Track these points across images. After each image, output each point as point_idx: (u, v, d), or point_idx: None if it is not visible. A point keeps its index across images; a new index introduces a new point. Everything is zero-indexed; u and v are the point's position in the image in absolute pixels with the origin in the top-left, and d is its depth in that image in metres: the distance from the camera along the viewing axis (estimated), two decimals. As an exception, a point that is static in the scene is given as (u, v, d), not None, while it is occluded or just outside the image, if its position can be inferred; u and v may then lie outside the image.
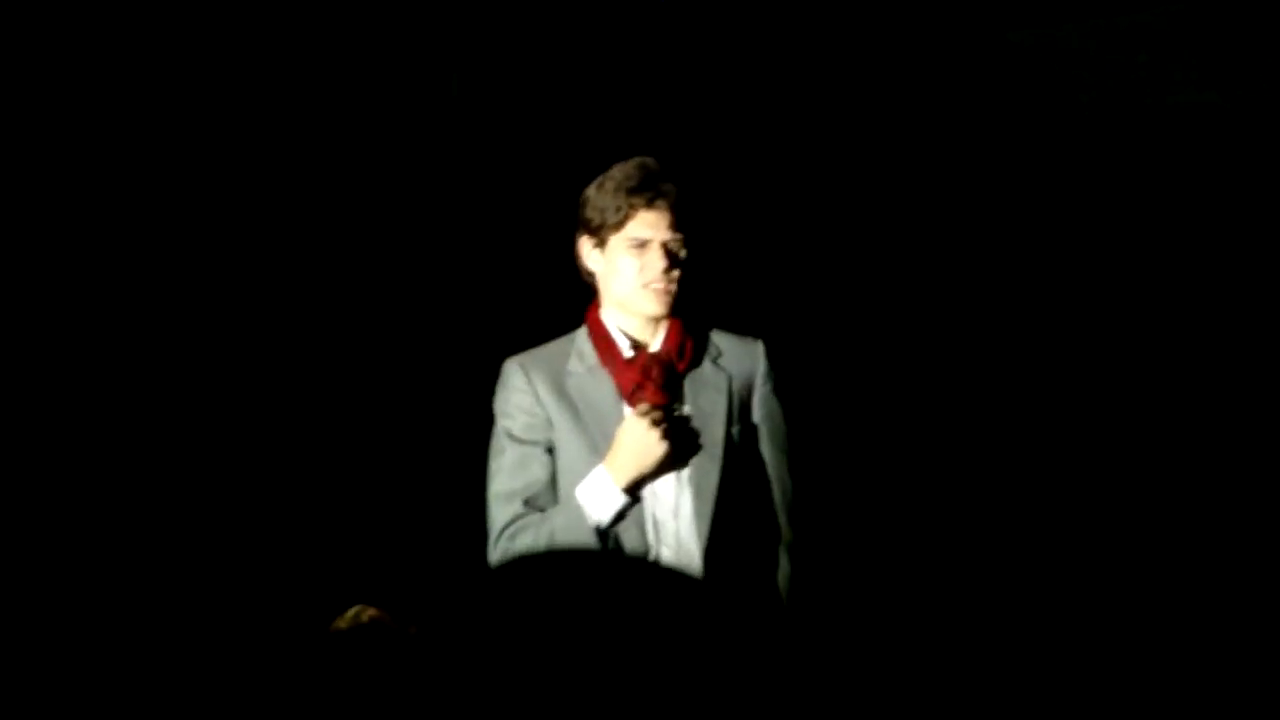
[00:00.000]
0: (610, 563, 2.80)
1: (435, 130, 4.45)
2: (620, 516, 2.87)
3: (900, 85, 4.83)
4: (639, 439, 2.85)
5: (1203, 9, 4.63)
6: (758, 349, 3.07)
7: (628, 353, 2.96)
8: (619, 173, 2.95)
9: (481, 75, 4.45)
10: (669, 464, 2.87)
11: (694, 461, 2.92)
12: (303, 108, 4.29)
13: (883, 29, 4.78)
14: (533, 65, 4.50)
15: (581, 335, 3.02)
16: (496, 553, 2.93)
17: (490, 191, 4.51)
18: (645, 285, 2.93)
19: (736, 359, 3.04)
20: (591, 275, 3.02)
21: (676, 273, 2.94)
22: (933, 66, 4.87)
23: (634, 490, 2.87)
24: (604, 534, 2.87)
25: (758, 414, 3.04)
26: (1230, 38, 4.69)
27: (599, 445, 2.90)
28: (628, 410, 2.93)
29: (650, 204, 2.91)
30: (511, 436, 2.97)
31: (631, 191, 2.91)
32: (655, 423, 2.85)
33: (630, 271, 2.93)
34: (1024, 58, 4.80)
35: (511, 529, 2.92)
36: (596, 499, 2.86)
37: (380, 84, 4.38)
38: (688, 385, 2.97)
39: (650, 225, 2.92)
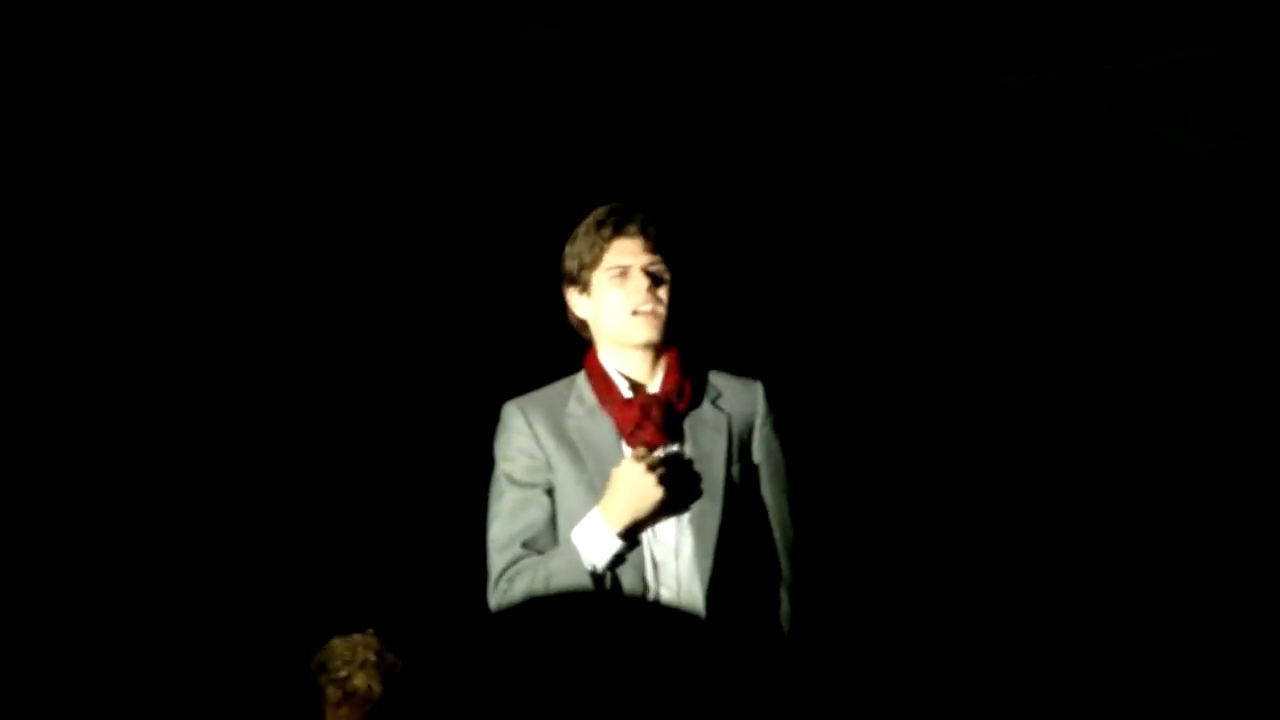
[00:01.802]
0: (609, 605, 2.81)
1: (432, 161, 4.47)
2: (619, 559, 2.87)
3: (893, 127, 4.86)
4: (634, 483, 2.83)
5: (1194, 58, 4.66)
6: (757, 390, 3.07)
7: (627, 394, 2.96)
8: (588, 219, 2.99)
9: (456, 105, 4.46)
10: (666, 508, 2.86)
11: (694, 503, 2.91)
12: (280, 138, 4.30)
13: (876, 71, 4.81)
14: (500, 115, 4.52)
15: (581, 379, 3.02)
16: (496, 596, 2.92)
17: (494, 233, 4.53)
18: (634, 311, 2.93)
19: (736, 400, 3.03)
20: (584, 324, 3.03)
21: (663, 293, 2.94)
22: (925, 109, 4.89)
23: (631, 534, 2.86)
24: (601, 577, 2.86)
25: (758, 454, 3.03)
26: (1220, 86, 4.72)
27: (599, 487, 2.89)
28: (627, 451, 2.92)
29: (621, 232, 2.94)
30: (511, 479, 2.97)
31: (600, 225, 2.95)
32: (651, 466, 2.84)
33: (616, 302, 2.94)
34: (1016, 101, 4.83)
35: (510, 572, 2.92)
36: (592, 543, 2.85)
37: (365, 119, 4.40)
38: (687, 426, 2.96)
39: (627, 252, 2.93)
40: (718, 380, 3.05)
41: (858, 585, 4.21)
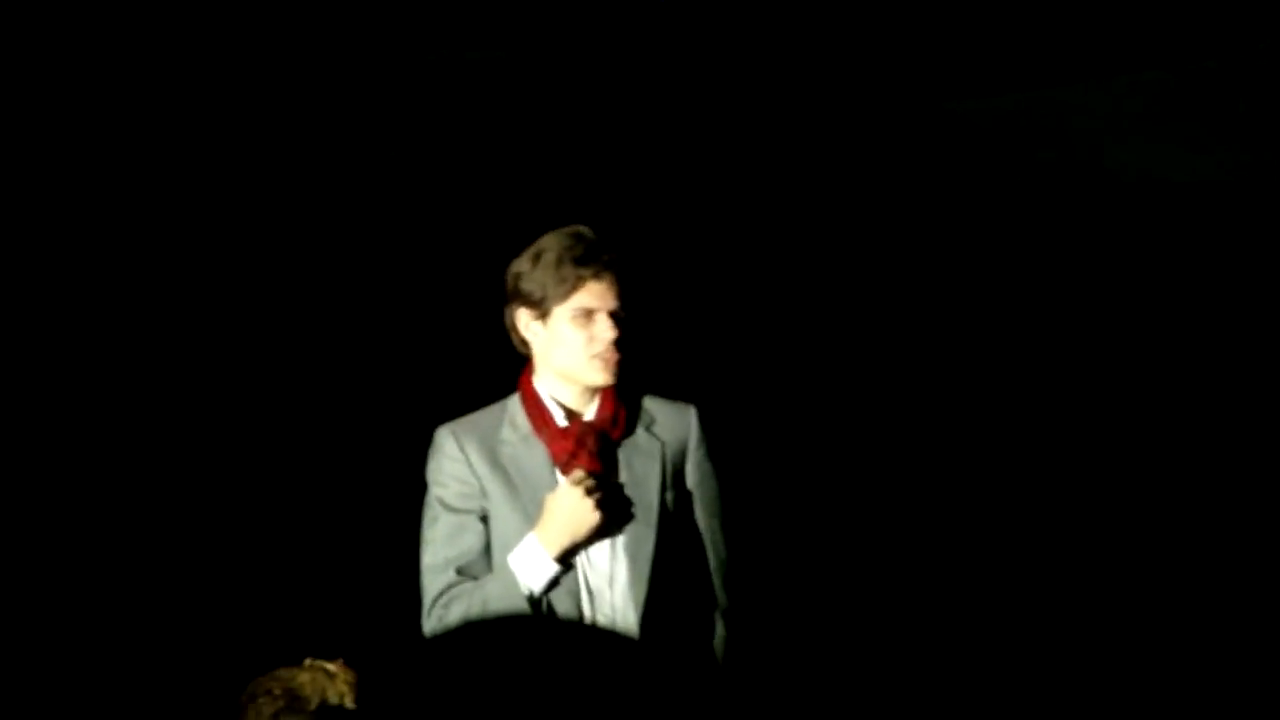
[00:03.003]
0: (544, 630, 2.80)
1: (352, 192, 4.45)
2: (554, 584, 2.86)
3: (843, 153, 4.88)
4: (570, 508, 2.84)
5: (1144, 81, 4.72)
6: (690, 415, 3.07)
7: (562, 421, 2.95)
8: (556, 244, 2.93)
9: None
10: (601, 532, 2.86)
11: (629, 529, 2.91)
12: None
13: (827, 98, 4.83)
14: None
15: (514, 403, 3.01)
16: (430, 622, 2.91)
17: (419, 251, 4.51)
18: (594, 356, 2.91)
19: (669, 425, 3.03)
20: (526, 345, 3.00)
21: (623, 340, 2.93)
22: (874, 134, 4.92)
23: (566, 558, 2.86)
24: (537, 602, 2.86)
25: (691, 480, 3.03)
26: (1170, 106, 4.78)
27: (532, 514, 2.89)
28: (561, 479, 2.91)
29: (597, 275, 2.90)
30: (445, 505, 2.96)
31: (578, 262, 2.90)
32: (588, 491, 2.84)
33: (577, 343, 2.91)
34: (962, 126, 4.87)
35: (445, 598, 2.90)
36: (528, 567, 2.85)
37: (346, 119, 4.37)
38: (621, 453, 2.96)
39: (597, 296, 2.91)
40: (651, 405, 3.05)
41: (793, 609, 4.22)
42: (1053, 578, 4.63)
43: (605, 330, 2.90)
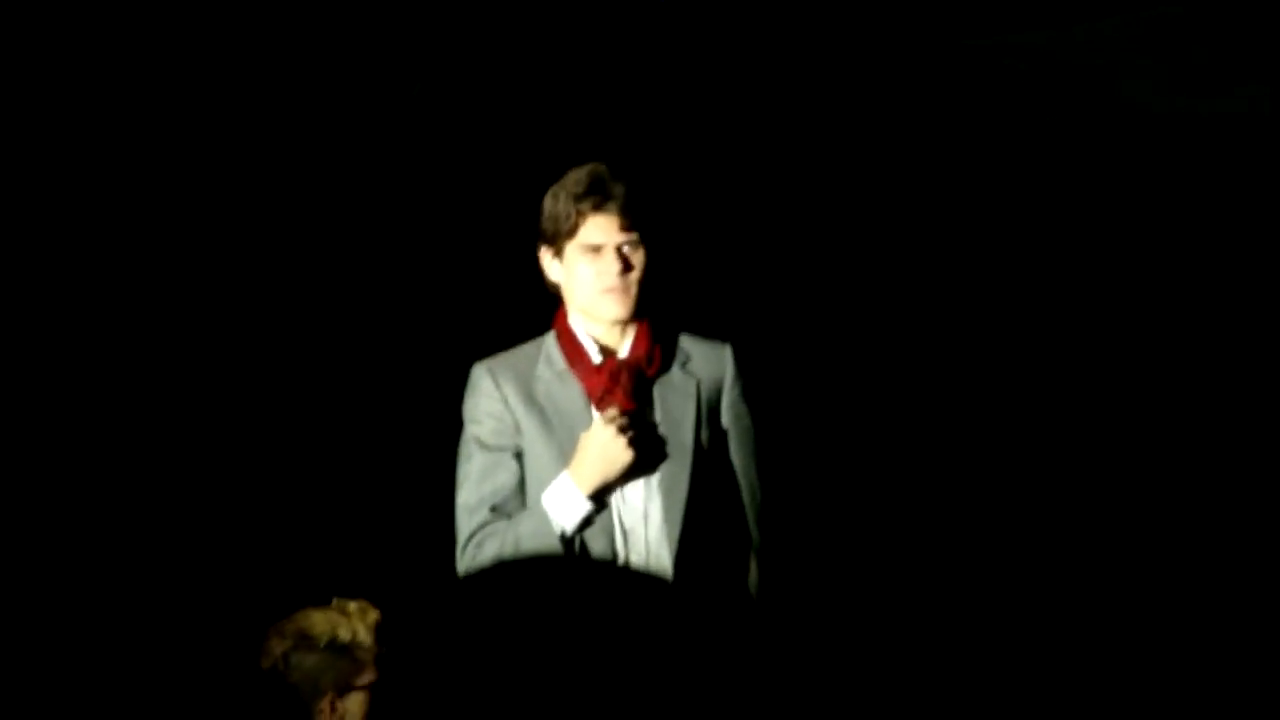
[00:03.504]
0: (578, 569, 2.79)
1: (397, 129, 4.42)
2: (587, 523, 2.86)
3: (860, 90, 4.83)
4: (604, 445, 2.84)
5: (1164, 14, 4.65)
6: (726, 353, 3.06)
7: (596, 358, 2.94)
8: (570, 180, 2.94)
9: (444, 74, 4.43)
10: (635, 470, 2.86)
11: (663, 467, 2.91)
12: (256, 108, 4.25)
13: (842, 33, 4.78)
14: (494, 65, 4.48)
15: (550, 340, 3.01)
16: (464, 561, 2.91)
17: (457, 193, 4.49)
18: (603, 291, 2.91)
19: (705, 363, 3.03)
20: (555, 286, 3.01)
21: (634, 275, 2.92)
22: (891, 72, 4.87)
23: (600, 497, 2.86)
24: (570, 541, 2.86)
25: (726, 418, 3.02)
26: (1189, 41, 4.72)
27: (567, 451, 2.89)
28: (596, 415, 2.91)
29: (599, 208, 2.89)
30: (480, 442, 2.96)
31: (579, 198, 2.90)
32: (621, 429, 2.84)
33: (587, 278, 2.91)
34: (982, 63, 4.82)
35: (479, 536, 2.91)
36: (562, 506, 2.85)
37: (342, 84, 4.35)
38: (656, 391, 2.95)
39: (601, 229, 2.90)
40: (687, 343, 3.04)
41: (826, 549, 4.21)
42: (1094, 530, 4.61)
43: (611, 263, 2.89)
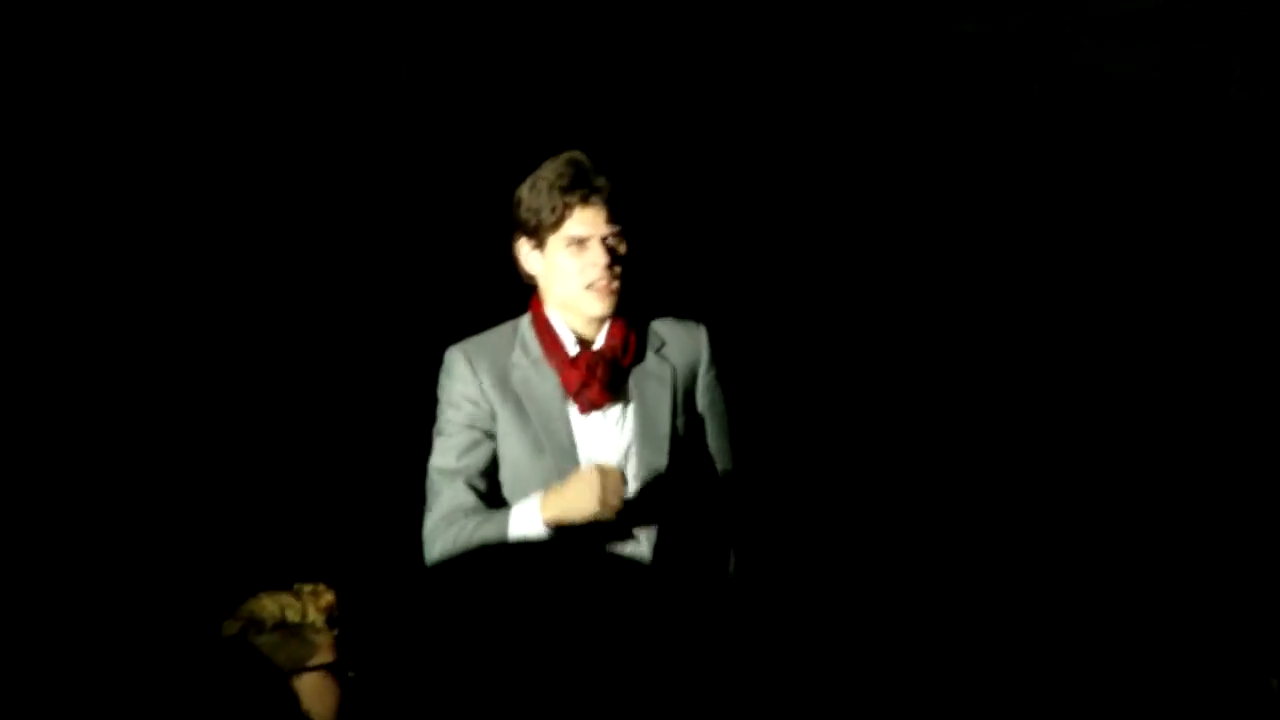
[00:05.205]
0: (554, 556, 2.77)
1: (379, 117, 4.38)
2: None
3: (855, 76, 4.81)
4: (584, 497, 2.74)
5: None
6: (701, 335, 3.05)
7: (572, 349, 2.93)
8: (550, 171, 2.89)
9: (430, 62, 4.39)
10: (597, 528, 2.74)
11: (640, 456, 2.90)
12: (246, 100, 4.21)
13: (835, 20, 4.76)
14: (479, 56, 4.44)
15: (525, 326, 2.98)
16: (435, 549, 2.88)
17: (433, 181, 4.45)
18: (589, 286, 2.87)
19: (679, 348, 3.02)
20: (531, 277, 2.97)
21: (619, 267, 2.89)
22: (886, 58, 4.85)
23: (558, 531, 2.75)
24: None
25: (702, 402, 3.03)
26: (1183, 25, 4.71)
27: (541, 441, 2.89)
28: (572, 410, 2.90)
29: (586, 201, 2.86)
30: (456, 424, 2.94)
31: (566, 190, 2.86)
32: (612, 492, 2.73)
33: (572, 272, 2.88)
34: (977, 48, 4.80)
35: (448, 535, 2.86)
36: (524, 527, 2.79)
37: (329, 75, 4.31)
38: (632, 380, 2.95)
39: (588, 222, 2.87)
40: (661, 328, 3.02)
41: (802, 531, 4.20)
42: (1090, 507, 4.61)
43: (598, 257, 2.86)
